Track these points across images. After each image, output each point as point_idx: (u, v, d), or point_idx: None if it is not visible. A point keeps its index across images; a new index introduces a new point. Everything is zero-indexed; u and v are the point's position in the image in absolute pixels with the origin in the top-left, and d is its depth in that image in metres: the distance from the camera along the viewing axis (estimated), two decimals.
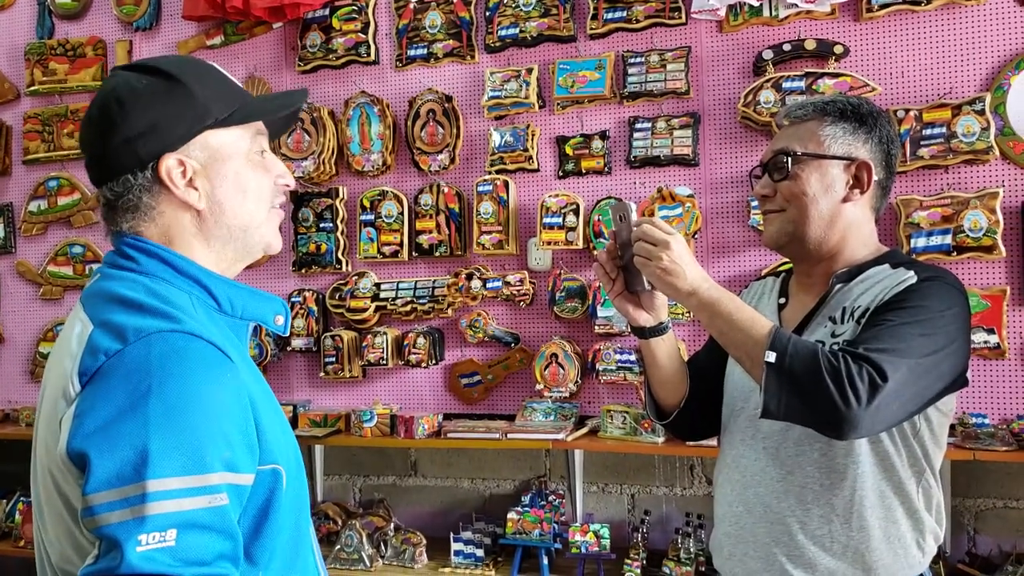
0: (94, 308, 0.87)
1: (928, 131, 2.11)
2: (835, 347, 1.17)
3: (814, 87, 2.19)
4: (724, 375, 1.43)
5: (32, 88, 2.94)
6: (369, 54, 2.63)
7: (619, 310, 1.35)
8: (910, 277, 1.22)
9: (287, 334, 1.09)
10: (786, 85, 2.20)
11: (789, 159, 1.30)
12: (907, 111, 2.13)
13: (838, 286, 1.29)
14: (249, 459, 0.82)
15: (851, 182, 1.29)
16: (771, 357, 1.12)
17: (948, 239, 2.07)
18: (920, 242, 2.09)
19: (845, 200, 1.29)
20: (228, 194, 0.95)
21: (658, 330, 1.36)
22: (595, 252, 2.35)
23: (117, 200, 0.93)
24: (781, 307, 1.39)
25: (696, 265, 1.22)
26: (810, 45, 2.22)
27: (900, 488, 1.23)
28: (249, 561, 0.84)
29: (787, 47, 2.24)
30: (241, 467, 0.81)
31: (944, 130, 2.10)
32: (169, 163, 0.91)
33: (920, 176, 2.16)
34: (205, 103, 0.93)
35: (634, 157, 2.38)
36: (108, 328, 0.83)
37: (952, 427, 1.98)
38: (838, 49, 2.20)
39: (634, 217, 1.28)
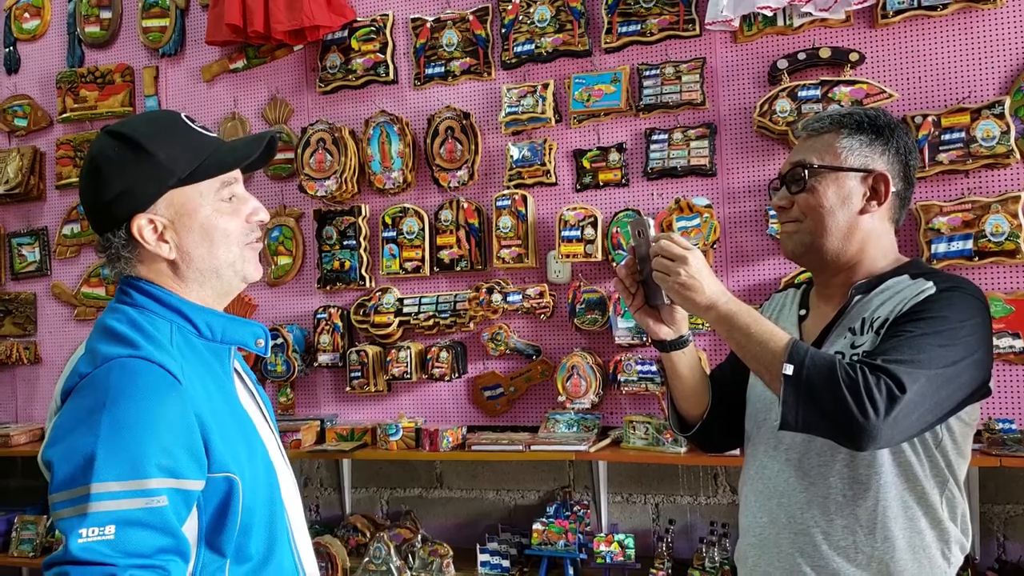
0: (91, 337, 1.03)
1: (947, 136, 2.11)
2: (854, 358, 1.18)
3: (830, 95, 2.19)
4: (746, 387, 1.44)
5: (64, 115, 3.03)
6: (388, 74, 2.68)
7: (640, 324, 1.36)
8: (929, 287, 1.22)
9: (268, 355, 1.28)
10: (802, 94, 2.21)
11: (806, 171, 1.30)
12: (925, 116, 2.12)
13: (857, 297, 1.30)
14: (195, 467, 0.94)
15: (868, 194, 1.29)
16: (789, 370, 1.13)
17: (969, 244, 2.07)
18: (941, 248, 2.09)
19: (863, 212, 1.29)
20: (195, 244, 1.07)
21: (679, 343, 1.37)
22: (615, 266, 2.37)
23: (104, 252, 1.08)
24: (802, 319, 1.40)
25: (714, 279, 1.24)
26: (825, 53, 2.23)
27: (923, 498, 1.23)
28: (213, 550, 0.98)
29: (802, 56, 2.25)
30: (185, 474, 0.93)
31: (963, 135, 2.09)
32: (140, 222, 1.04)
33: (940, 181, 2.15)
34: (168, 165, 1.04)
35: (651, 169, 2.40)
36: (89, 354, 0.98)
37: (978, 433, 1.97)
38: (853, 56, 2.21)
39: (652, 232, 1.29)
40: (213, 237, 1.07)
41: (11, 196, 3.05)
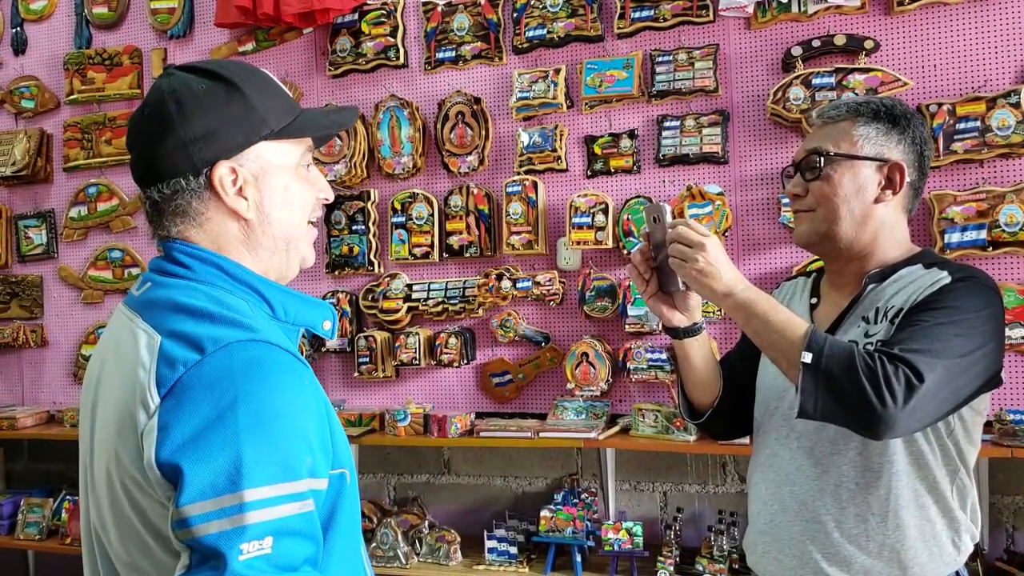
0: (156, 317, 0.85)
1: (962, 125, 2.09)
2: (869, 347, 1.18)
3: (844, 83, 2.17)
4: (756, 375, 1.44)
5: (71, 97, 3.02)
6: (398, 57, 2.66)
7: (653, 311, 1.36)
8: (944, 277, 1.22)
9: (334, 338, 1.09)
10: (816, 81, 2.19)
11: (822, 159, 1.30)
12: (940, 105, 2.10)
13: (871, 286, 1.29)
14: (325, 464, 0.83)
15: (883, 183, 1.29)
16: (807, 358, 1.13)
17: (983, 234, 2.05)
18: (954, 238, 2.07)
19: (877, 201, 1.29)
20: (276, 206, 0.95)
21: (692, 330, 1.37)
22: (627, 253, 2.36)
23: (165, 203, 0.91)
24: (813, 307, 1.40)
25: (732, 266, 1.23)
26: (840, 40, 2.21)
27: (934, 487, 1.23)
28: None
29: (816, 43, 2.23)
30: (320, 472, 0.82)
31: (978, 124, 2.07)
32: (222, 171, 0.90)
33: (954, 171, 2.13)
34: (263, 113, 0.92)
35: (663, 156, 2.38)
36: (180, 338, 0.82)
37: (989, 424, 1.97)
38: (868, 44, 2.18)
39: (668, 219, 1.29)
40: (293, 203, 0.96)
41: (18, 178, 3.05)
